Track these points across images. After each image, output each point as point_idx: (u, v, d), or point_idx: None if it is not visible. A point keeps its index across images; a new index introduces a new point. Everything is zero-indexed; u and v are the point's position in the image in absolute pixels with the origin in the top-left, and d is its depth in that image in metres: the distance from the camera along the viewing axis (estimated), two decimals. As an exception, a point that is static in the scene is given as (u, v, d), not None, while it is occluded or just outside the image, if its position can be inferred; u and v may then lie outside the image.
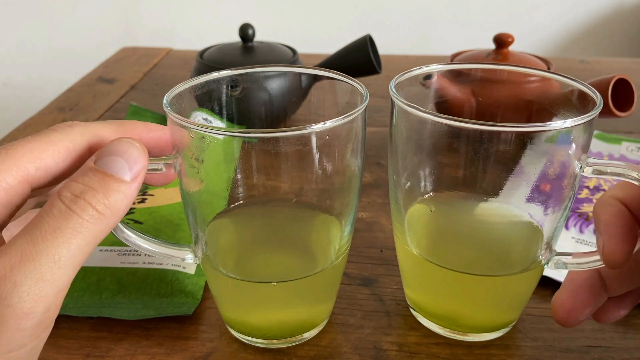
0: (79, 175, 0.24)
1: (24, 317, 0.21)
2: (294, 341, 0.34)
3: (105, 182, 0.24)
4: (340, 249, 0.33)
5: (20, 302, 0.21)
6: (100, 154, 0.25)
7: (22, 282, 0.21)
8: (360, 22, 1.64)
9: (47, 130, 0.25)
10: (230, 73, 0.33)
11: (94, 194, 0.23)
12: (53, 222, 0.22)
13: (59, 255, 0.22)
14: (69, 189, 0.23)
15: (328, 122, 0.27)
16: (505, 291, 0.33)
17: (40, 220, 0.22)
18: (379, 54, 0.61)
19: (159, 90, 0.77)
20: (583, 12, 1.67)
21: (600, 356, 0.33)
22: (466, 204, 0.34)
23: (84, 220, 0.23)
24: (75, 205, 0.23)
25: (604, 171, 0.28)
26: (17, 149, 0.24)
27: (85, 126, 0.26)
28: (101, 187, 0.23)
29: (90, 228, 0.23)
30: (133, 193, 0.25)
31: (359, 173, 0.31)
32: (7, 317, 0.21)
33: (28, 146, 0.24)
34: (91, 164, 0.24)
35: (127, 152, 0.25)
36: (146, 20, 1.69)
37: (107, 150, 0.25)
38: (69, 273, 0.22)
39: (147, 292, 0.37)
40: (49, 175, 0.25)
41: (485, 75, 0.36)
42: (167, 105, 0.28)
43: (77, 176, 0.24)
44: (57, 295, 0.22)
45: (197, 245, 0.32)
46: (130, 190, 0.24)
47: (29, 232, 0.22)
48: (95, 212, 0.23)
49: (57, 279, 0.22)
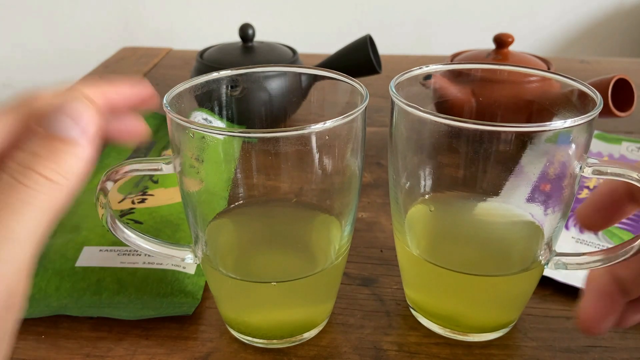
0: (23, 141, 0.21)
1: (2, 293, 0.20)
2: (294, 341, 0.34)
3: (51, 145, 0.21)
4: (340, 249, 0.33)
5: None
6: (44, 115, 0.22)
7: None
8: (360, 22, 1.64)
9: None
10: (230, 73, 0.33)
11: (39, 161, 0.21)
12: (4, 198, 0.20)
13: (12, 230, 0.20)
14: (13, 159, 0.21)
15: (328, 122, 0.27)
16: (505, 291, 0.33)
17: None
18: (379, 54, 0.61)
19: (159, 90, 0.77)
20: (583, 12, 1.67)
21: (600, 356, 0.33)
22: (466, 204, 0.34)
23: (33, 190, 0.20)
24: (22, 176, 0.20)
25: (604, 171, 0.28)
26: None
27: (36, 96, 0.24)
28: (48, 152, 0.21)
29: (43, 198, 0.21)
30: (88, 153, 0.22)
31: (359, 173, 0.31)
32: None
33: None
34: (34, 126, 0.22)
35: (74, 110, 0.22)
36: (146, 20, 1.69)
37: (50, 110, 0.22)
38: (26, 248, 0.21)
39: (147, 292, 0.37)
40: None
41: (485, 75, 0.36)
42: (167, 105, 0.28)
43: (21, 142, 0.21)
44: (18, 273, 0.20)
45: (197, 245, 0.32)
46: (84, 151, 0.22)
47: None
48: (45, 181, 0.21)
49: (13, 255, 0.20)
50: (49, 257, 0.39)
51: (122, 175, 0.29)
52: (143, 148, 0.56)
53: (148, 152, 0.56)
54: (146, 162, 0.29)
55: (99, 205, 0.30)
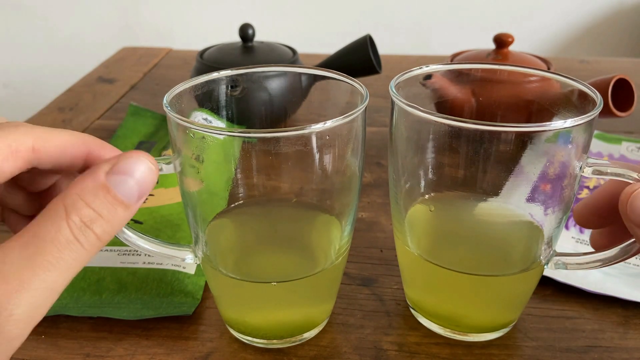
0: (89, 193, 0.22)
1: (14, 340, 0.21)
2: (294, 341, 0.34)
3: (114, 208, 0.22)
4: (341, 248, 0.33)
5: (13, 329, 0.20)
6: (113, 168, 0.23)
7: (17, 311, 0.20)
8: (360, 22, 1.64)
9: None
10: (230, 73, 0.33)
11: (101, 223, 0.22)
12: (57, 252, 0.21)
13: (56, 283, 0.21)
14: (79, 213, 0.21)
15: (328, 122, 0.27)
16: (505, 291, 0.33)
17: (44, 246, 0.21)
18: (379, 54, 0.61)
19: (159, 90, 0.77)
20: (583, 12, 1.67)
21: (600, 356, 0.33)
22: (466, 204, 0.34)
23: (86, 250, 0.22)
24: (84, 237, 0.22)
25: (604, 171, 0.28)
26: None
27: (30, 127, 0.24)
28: (109, 215, 0.22)
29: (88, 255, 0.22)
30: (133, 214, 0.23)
31: (359, 173, 0.31)
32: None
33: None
34: (102, 177, 0.22)
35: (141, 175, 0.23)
36: (146, 20, 1.69)
37: (121, 166, 0.23)
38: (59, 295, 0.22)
39: (147, 292, 0.37)
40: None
41: (485, 75, 0.36)
42: (167, 105, 0.28)
43: (87, 194, 0.22)
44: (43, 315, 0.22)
45: (197, 245, 0.32)
46: (132, 214, 0.23)
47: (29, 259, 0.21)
48: (100, 242, 0.22)
49: (49, 304, 0.22)
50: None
51: None
52: (143, 148, 0.56)
53: (148, 151, 0.56)
54: None
55: None
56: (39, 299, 0.21)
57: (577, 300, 0.37)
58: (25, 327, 0.21)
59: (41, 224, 0.21)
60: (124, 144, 0.57)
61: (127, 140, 0.58)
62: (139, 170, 0.23)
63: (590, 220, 0.31)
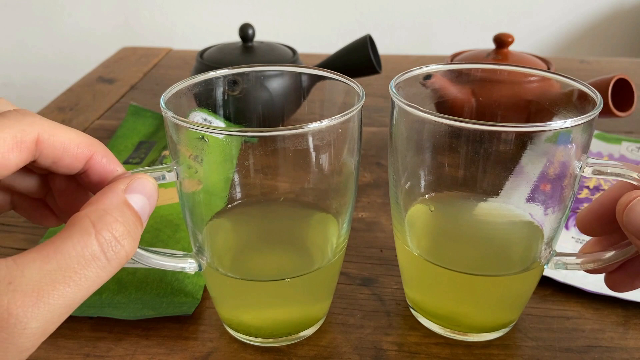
0: (116, 209, 0.22)
1: (25, 352, 0.20)
2: (291, 340, 0.34)
3: (135, 225, 0.23)
4: (338, 247, 0.33)
5: (26, 342, 0.20)
6: (130, 187, 0.24)
7: (32, 324, 0.20)
8: (360, 22, 1.64)
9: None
10: (229, 72, 0.33)
11: (129, 239, 0.22)
12: (80, 268, 0.21)
13: (74, 300, 0.21)
14: (110, 229, 0.22)
15: (324, 122, 0.27)
16: (505, 291, 0.33)
17: (67, 261, 0.20)
18: (379, 54, 0.61)
19: (159, 90, 0.77)
20: (583, 12, 1.67)
21: (600, 356, 0.33)
22: (466, 204, 0.34)
23: (112, 267, 0.22)
24: (113, 252, 0.21)
25: (604, 171, 0.28)
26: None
27: (38, 118, 0.24)
28: (134, 231, 0.23)
29: (111, 271, 0.22)
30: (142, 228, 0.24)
31: (355, 172, 0.31)
32: (9, 354, 0.20)
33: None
34: (123, 195, 0.23)
35: (152, 196, 0.24)
36: (146, 20, 1.69)
37: (138, 186, 0.24)
38: (71, 311, 0.21)
39: (147, 292, 0.37)
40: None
41: (485, 75, 0.36)
42: (163, 105, 0.28)
43: (114, 210, 0.22)
44: (55, 329, 0.21)
45: (199, 252, 0.32)
46: (142, 229, 0.24)
47: (51, 273, 0.20)
48: (125, 256, 0.22)
49: (64, 319, 0.21)
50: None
51: None
52: (143, 148, 0.56)
53: (148, 151, 0.56)
54: (149, 172, 0.29)
55: None
56: (55, 314, 0.20)
57: (577, 300, 0.37)
58: (37, 340, 0.21)
59: (66, 238, 0.21)
60: (124, 144, 0.57)
61: (127, 140, 0.58)
62: (149, 190, 0.24)
63: (593, 227, 0.30)
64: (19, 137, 0.23)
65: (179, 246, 0.40)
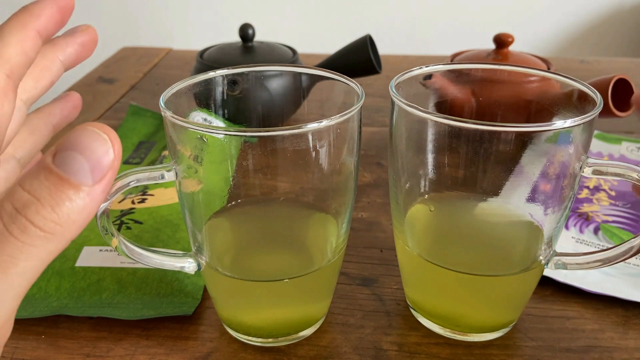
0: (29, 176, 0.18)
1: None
2: (291, 340, 0.34)
3: (57, 189, 0.18)
4: (337, 247, 0.33)
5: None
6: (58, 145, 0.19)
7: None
8: (360, 22, 1.64)
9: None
10: (229, 72, 0.33)
11: (38, 209, 0.18)
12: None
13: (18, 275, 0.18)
14: (12, 200, 0.18)
15: (324, 121, 0.27)
16: (505, 291, 0.33)
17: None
18: (379, 54, 0.61)
19: (159, 90, 0.77)
20: (583, 12, 1.67)
21: (600, 356, 0.33)
22: (466, 204, 0.34)
23: (24, 244, 0.18)
24: (14, 225, 0.18)
25: (604, 171, 0.28)
26: None
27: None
28: (50, 197, 0.18)
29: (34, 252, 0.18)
30: (96, 200, 0.19)
31: (355, 172, 0.31)
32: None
33: None
34: (48, 159, 0.19)
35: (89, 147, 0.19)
36: (146, 20, 1.69)
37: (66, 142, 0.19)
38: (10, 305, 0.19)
39: (147, 292, 0.37)
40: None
41: (485, 75, 0.36)
42: (163, 105, 0.28)
43: (27, 177, 0.18)
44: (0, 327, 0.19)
45: (199, 251, 0.32)
46: (91, 198, 0.19)
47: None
48: (40, 232, 0.18)
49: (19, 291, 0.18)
50: (48, 257, 0.38)
51: (121, 189, 0.28)
52: (143, 148, 0.56)
53: (148, 151, 0.56)
54: (148, 171, 0.29)
55: (106, 235, 0.29)
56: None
57: (577, 300, 0.37)
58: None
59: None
60: (124, 144, 0.57)
61: (127, 140, 0.58)
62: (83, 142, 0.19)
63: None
64: None
65: (179, 246, 0.40)
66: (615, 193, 0.48)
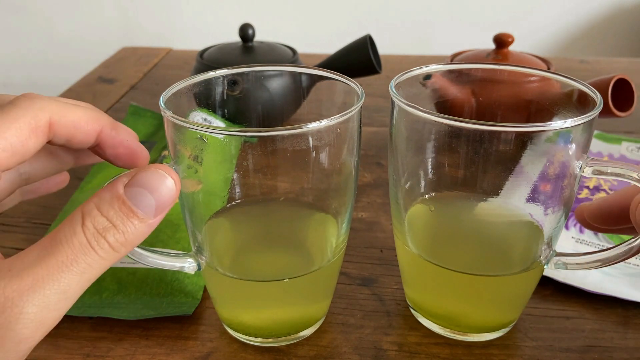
0: (105, 203, 0.23)
1: (23, 342, 0.21)
2: (291, 339, 0.34)
3: (128, 219, 0.23)
4: (337, 247, 0.33)
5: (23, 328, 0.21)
6: (132, 181, 0.23)
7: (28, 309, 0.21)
8: (360, 22, 1.64)
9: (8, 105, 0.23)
10: (229, 72, 0.33)
11: (113, 233, 0.23)
12: (71, 254, 0.22)
13: (69, 287, 0.22)
14: (94, 222, 0.22)
15: (324, 121, 0.27)
16: (505, 291, 0.33)
17: (59, 248, 0.22)
18: (379, 54, 0.61)
19: (159, 90, 0.77)
20: (583, 12, 1.67)
21: (600, 356, 0.33)
22: (466, 204, 0.34)
23: (100, 257, 0.22)
24: (96, 243, 0.22)
25: (604, 171, 0.28)
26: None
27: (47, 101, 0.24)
28: (123, 225, 0.23)
29: (103, 263, 0.23)
30: (151, 230, 0.24)
31: (355, 172, 0.31)
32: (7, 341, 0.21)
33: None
34: (120, 190, 0.23)
35: (159, 189, 0.24)
36: (146, 21, 1.69)
37: (139, 179, 0.24)
38: (72, 303, 0.22)
39: (147, 292, 0.37)
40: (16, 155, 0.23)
41: (485, 75, 0.36)
42: (163, 105, 0.28)
43: (103, 203, 0.23)
44: (56, 322, 0.22)
45: (199, 251, 0.32)
46: (149, 229, 0.24)
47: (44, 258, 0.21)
48: (112, 250, 0.23)
49: (61, 308, 0.22)
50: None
51: None
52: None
53: (148, 151, 0.56)
54: None
55: None
56: (51, 300, 0.21)
57: (577, 300, 0.37)
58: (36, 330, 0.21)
59: (60, 229, 0.22)
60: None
61: (127, 140, 0.58)
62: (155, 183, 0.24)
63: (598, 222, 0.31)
64: (34, 123, 0.23)
65: (179, 246, 0.40)
66: (615, 193, 0.48)
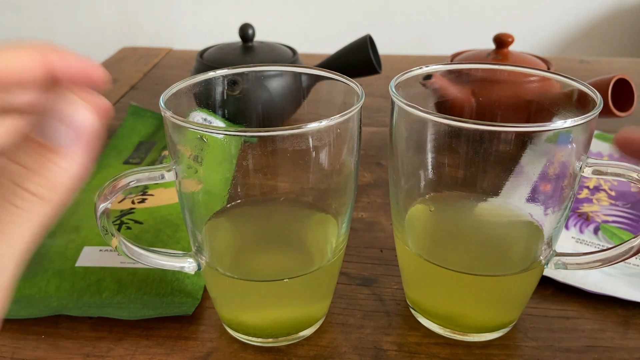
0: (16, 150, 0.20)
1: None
2: (291, 339, 0.34)
3: (42, 157, 0.20)
4: (337, 246, 0.33)
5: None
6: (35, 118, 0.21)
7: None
8: (360, 22, 1.64)
9: None
10: (229, 72, 0.33)
11: (29, 176, 0.20)
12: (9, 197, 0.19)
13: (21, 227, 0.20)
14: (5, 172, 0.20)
15: (324, 121, 0.27)
16: (505, 291, 0.33)
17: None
18: (379, 54, 0.61)
19: (159, 90, 0.77)
20: (583, 12, 1.67)
21: (600, 356, 0.33)
22: (466, 204, 0.34)
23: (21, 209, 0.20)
24: (10, 194, 0.20)
25: (604, 171, 0.28)
26: None
27: None
28: (38, 165, 0.20)
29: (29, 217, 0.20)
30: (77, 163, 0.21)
31: (355, 172, 0.31)
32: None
33: None
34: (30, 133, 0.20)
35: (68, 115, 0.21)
36: (146, 21, 1.69)
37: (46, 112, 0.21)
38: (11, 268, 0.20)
39: (147, 292, 0.37)
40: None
41: (485, 75, 0.36)
42: (163, 105, 0.28)
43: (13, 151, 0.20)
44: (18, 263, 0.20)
45: (199, 251, 0.32)
46: (73, 162, 0.21)
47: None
48: (34, 198, 0.20)
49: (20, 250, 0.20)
50: (49, 257, 0.39)
51: (121, 189, 0.28)
52: (143, 148, 0.56)
53: (148, 151, 0.56)
54: (148, 171, 0.29)
55: (106, 235, 0.29)
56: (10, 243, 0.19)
57: (577, 300, 0.37)
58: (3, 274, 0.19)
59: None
60: (124, 144, 0.57)
61: (127, 140, 0.58)
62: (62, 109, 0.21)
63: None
64: None
65: (179, 246, 0.40)
66: (615, 193, 0.48)
